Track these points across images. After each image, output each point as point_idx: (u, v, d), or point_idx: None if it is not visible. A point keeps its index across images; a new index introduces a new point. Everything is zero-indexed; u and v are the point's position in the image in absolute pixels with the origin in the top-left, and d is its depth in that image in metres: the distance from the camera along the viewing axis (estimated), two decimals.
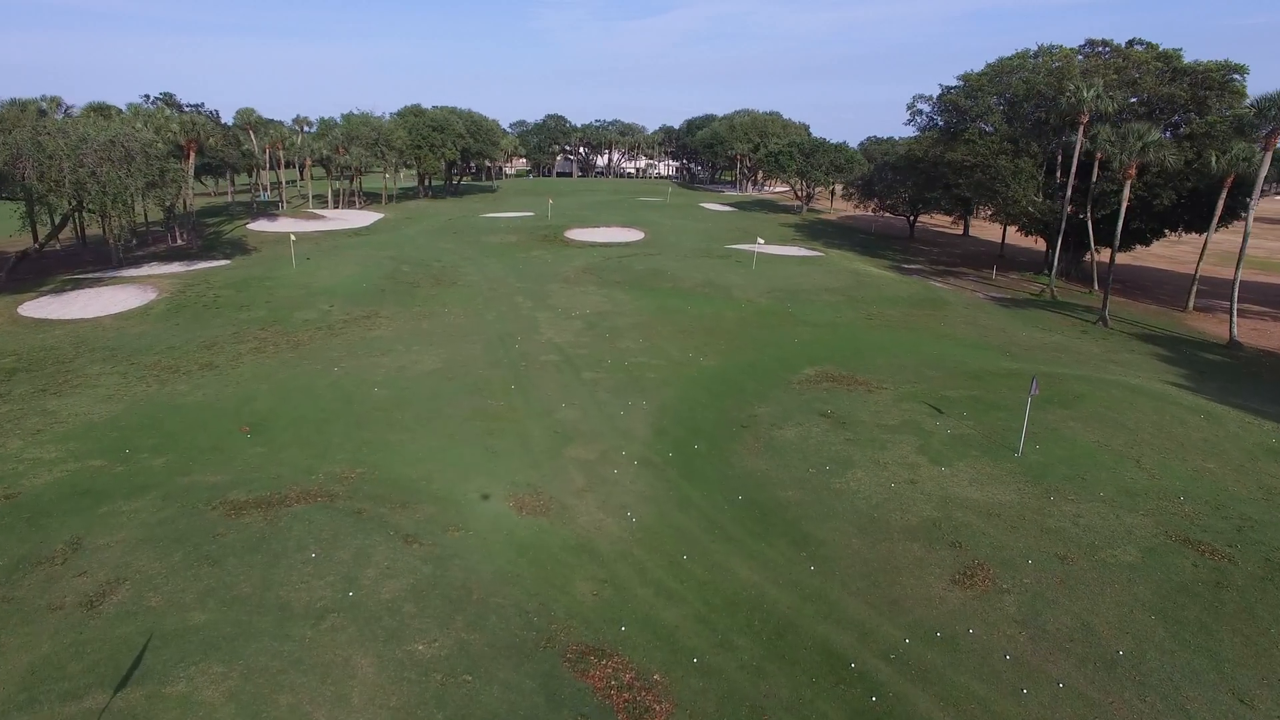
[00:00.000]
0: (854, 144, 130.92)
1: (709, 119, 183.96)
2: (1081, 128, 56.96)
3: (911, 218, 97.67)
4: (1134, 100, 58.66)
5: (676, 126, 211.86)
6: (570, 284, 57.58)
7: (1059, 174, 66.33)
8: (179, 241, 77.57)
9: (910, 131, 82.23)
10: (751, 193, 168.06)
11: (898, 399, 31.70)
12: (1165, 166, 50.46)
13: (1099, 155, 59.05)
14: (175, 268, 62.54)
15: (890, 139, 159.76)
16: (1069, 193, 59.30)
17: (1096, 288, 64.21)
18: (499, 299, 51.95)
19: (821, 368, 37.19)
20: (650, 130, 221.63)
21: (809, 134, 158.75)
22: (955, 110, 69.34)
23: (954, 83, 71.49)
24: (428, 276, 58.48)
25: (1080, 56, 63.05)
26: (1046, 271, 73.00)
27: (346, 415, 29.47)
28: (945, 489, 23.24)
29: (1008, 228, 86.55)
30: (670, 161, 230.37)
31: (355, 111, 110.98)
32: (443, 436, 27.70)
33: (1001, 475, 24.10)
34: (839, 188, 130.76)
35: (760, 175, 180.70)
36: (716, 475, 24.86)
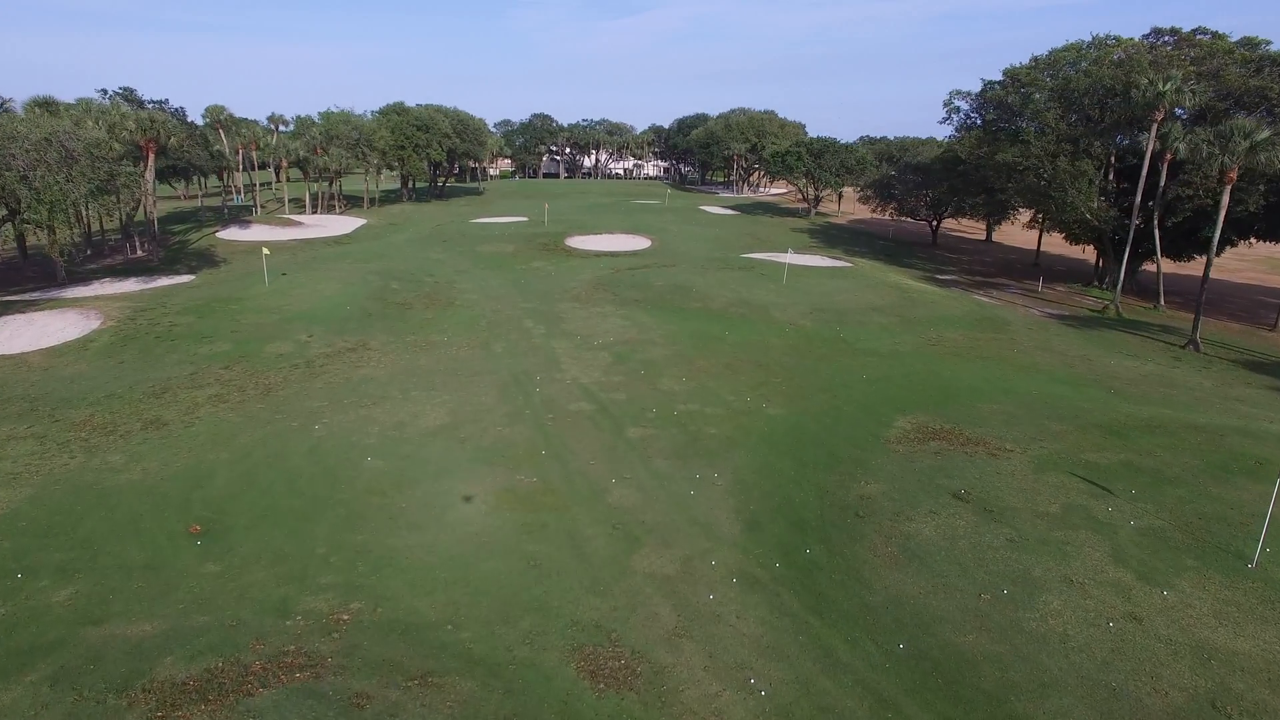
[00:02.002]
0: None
1: (701, 118, 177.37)
2: (1155, 125, 50.80)
3: (935, 223, 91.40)
4: (1212, 94, 52.43)
5: (666, 126, 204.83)
6: (583, 303, 50.53)
7: (1112, 176, 60.39)
8: (139, 253, 69.59)
9: (946, 130, 75.83)
10: (747, 194, 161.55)
11: (1036, 468, 24.97)
12: (1274, 169, 44.21)
13: (1169, 155, 53.07)
14: (130, 285, 54.69)
15: (884, 138, 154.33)
16: (1138, 198, 53.11)
17: (1162, 303, 58.11)
18: (506, 324, 44.78)
19: (915, 417, 30.42)
20: (639, 130, 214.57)
21: (805, 133, 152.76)
22: (1001, 107, 62.95)
23: (989, 79, 65.43)
24: (420, 295, 51.15)
25: (1149, 48, 56.88)
26: (1097, 283, 67.16)
27: (332, 504, 22.21)
28: (1189, 631, 16.47)
29: (1043, 235, 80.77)
30: (658, 162, 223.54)
31: (334, 109, 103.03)
32: (464, 539, 20.55)
33: (1252, 604, 17.39)
34: (850, 191, 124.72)
35: (756, 176, 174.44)
36: (854, 603, 17.92)
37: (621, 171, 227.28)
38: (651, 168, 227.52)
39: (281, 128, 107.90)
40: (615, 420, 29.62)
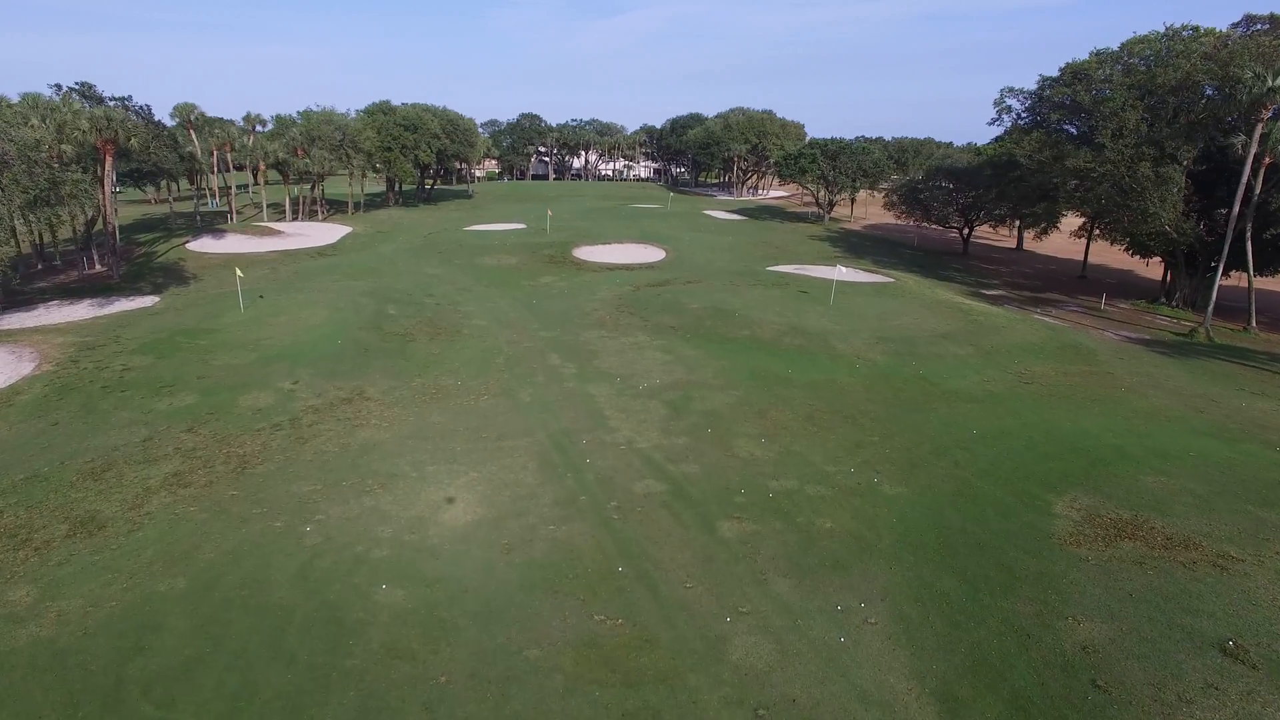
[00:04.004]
0: None
1: (697, 118, 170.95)
2: (1260, 125, 44.90)
3: (967, 231, 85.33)
4: None
5: (658, 125, 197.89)
6: (611, 331, 43.63)
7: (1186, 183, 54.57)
8: (98, 267, 61.77)
9: (994, 131, 69.64)
10: (748, 197, 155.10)
11: None
12: None
13: (1267, 159, 47.28)
14: (80, 310, 47.12)
15: (880, 139, 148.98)
16: (1236, 206, 47.17)
17: (1253, 324, 52.19)
18: (527, 360, 37.81)
19: (1074, 498, 23.85)
20: (630, 130, 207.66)
21: (805, 133, 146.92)
22: (1062, 107, 56.74)
23: (1047, 75, 59.33)
24: (422, 322, 44.02)
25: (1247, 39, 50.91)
26: (1165, 300, 61.25)
27: (338, 679, 15.15)
28: None
29: (1090, 245, 74.93)
30: (649, 163, 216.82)
31: (315, 108, 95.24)
32: None
33: None
34: (864, 195, 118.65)
35: (756, 178, 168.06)
36: None
37: (611, 173, 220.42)
38: (642, 169, 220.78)
39: (259, 128, 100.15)
40: (698, 508, 22.77)
